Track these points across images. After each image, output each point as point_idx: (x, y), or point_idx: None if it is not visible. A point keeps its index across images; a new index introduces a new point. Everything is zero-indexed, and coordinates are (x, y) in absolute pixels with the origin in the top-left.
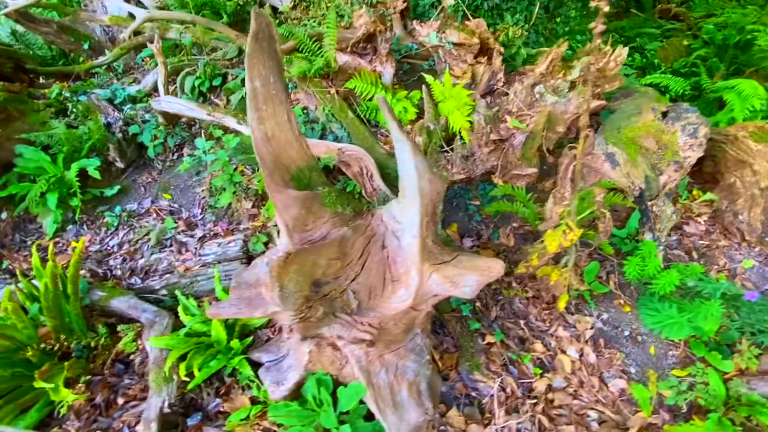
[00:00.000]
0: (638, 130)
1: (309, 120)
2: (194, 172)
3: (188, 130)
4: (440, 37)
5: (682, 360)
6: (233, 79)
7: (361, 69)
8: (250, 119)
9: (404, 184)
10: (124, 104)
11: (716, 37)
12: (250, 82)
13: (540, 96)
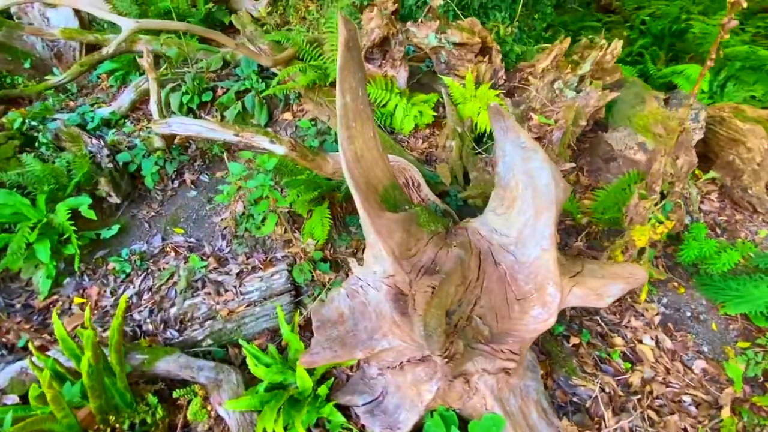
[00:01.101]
0: (647, 118)
1: (320, 132)
2: (204, 200)
3: (185, 153)
4: (440, 37)
5: (743, 332)
6: (224, 93)
7: (373, 75)
8: (340, 138)
9: (519, 194)
10: (98, 129)
11: (653, 28)
12: (342, 98)
13: (560, 92)
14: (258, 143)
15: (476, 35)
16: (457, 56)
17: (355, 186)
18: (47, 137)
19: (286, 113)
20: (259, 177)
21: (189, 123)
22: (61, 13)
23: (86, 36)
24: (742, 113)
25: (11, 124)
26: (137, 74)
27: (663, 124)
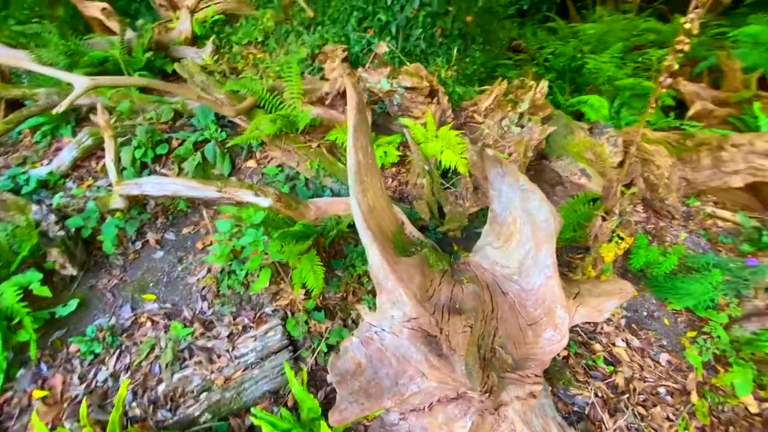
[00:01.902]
0: (578, 146)
1: (289, 177)
2: (174, 260)
3: (145, 211)
4: (391, 82)
5: (689, 323)
6: (180, 144)
7: (337, 120)
8: (354, 192)
9: (517, 229)
10: (35, 193)
11: (555, 64)
12: (354, 155)
13: (507, 128)
14: (242, 197)
15: (424, 80)
16: (409, 99)
17: (372, 236)
18: None
19: (249, 161)
20: (249, 232)
21: (165, 183)
22: None
23: (11, 91)
24: (645, 137)
25: None
26: (68, 128)
27: (591, 150)
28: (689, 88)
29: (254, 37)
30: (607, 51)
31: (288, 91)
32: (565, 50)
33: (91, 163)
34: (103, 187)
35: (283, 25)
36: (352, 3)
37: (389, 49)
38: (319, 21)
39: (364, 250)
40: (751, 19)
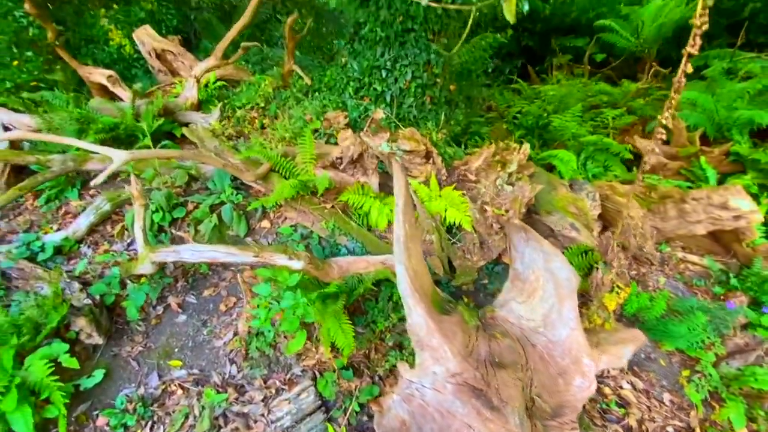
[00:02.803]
0: (562, 201)
1: (303, 237)
2: (198, 323)
3: (165, 274)
4: (391, 146)
5: (682, 363)
6: (195, 207)
7: (348, 182)
8: (401, 259)
9: (540, 286)
10: (51, 260)
11: (524, 122)
12: (403, 227)
13: (501, 187)
14: (277, 261)
15: (420, 143)
16: (407, 160)
17: (418, 298)
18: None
19: (263, 221)
20: (288, 295)
21: (204, 250)
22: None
23: (25, 157)
24: (616, 189)
25: None
26: (74, 192)
27: (574, 204)
28: (643, 143)
29: (255, 102)
30: (568, 111)
31: (301, 155)
32: (530, 109)
33: (106, 227)
34: (119, 251)
35: (282, 91)
36: (348, 74)
37: (385, 115)
38: (316, 88)
39: (384, 307)
40: (687, 86)
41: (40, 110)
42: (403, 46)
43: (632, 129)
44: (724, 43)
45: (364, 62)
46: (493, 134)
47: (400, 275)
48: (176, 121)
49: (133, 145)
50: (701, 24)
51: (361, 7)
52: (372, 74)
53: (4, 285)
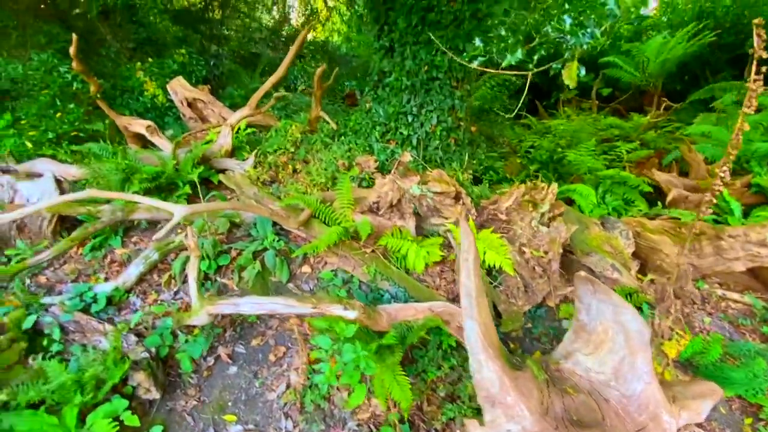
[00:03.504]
0: (596, 241)
1: (344, 281)
2: (249, 375)
3: (216, 325)
4: (421, 188)
5: (743, 410)
6: (238, 254)
7: (385, 227)
8: (472, 314)
9: (608, 338)
10: (104, 311)
11: (538, 156)
12: (472, 282)
13: (536, 228)
14: (332, 311)
15: (450, 185)
16: (438, 201)
17: (491, 354)
18: (57, 333)
19: (304, 267)
20: (348, 348)
21: (264, 302)
22: (36, 185)
23: (77, 209)
24: (645, 226)
25: (14, 323)
26: (117, 240)
27: (608, 243)
28: (663, 177)
29: (284, 147)
30: (581, 145)
31: (339, 201)
32: (543, 144)
33: (153, 276)
34: (167, 301)
35: (309, 136)
36: (374, 119)
37: (413, 157)
38: (342, 132)
39: (434, 356)
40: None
41: (86, 161)
42: (429, 93)
43: (648, 162)
44: (728, 76)
45: (390, 108)
46: (508, 169)
47: (470, 330)
48: (212, 168)
49: (173, 193)
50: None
51: (386, 58)
52: (398, 119)
53: (63, 338)
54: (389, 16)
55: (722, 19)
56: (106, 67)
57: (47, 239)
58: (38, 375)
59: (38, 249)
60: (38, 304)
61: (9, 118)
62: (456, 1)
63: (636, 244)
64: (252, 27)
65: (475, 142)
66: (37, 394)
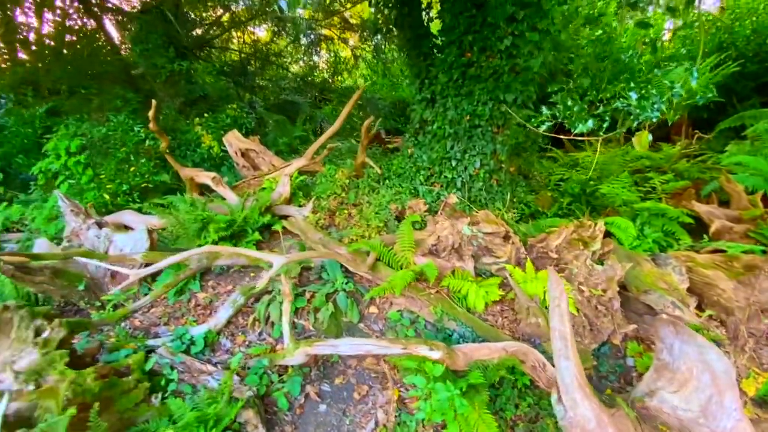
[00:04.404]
0: (650, 277)
1: (412, 322)
2: (338, 413)
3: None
4: (472, 228)
5: None
6: (312, 297)
7: (445, 267)
8: (565, 354)
9: (693, 377)
10: (202, 352)
11: (569, 189)
12: (566, 325)
13: (591, 267)
14: (419, 351)
15: (500, 224)
16: (488, 241)
17: (587, 392)
18: (175, 373)
19: (371, 308)
20: (439, 387)
21: (360, 343)
22: (130, 236)
23: (168, 258)
24: (696, 260)
25: (137, 365)
26: (196, 284)
27: (662, 280)
28: (704, 208)
29: (334, 192)
30: (613, 177)
31: (400, 244)
32: (574, 177)
33: (238, 319)
34: (253, 342)
35: (355, 180)
36: (418, 164)
37: (458, 199)
38: (386, 176)
39: (511, 395)
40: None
41: (166, 212)
42: (471, 139)
43: (684, 193)
44: (757, 104)
45: (434, 154)
46: (539, 202)
47: (565, 369)
48: (275, 215)
49: (242, 239)
50: None
51: (428, 108)
52: (442, 163)
53: (175, 378)
54: (430, 71)
55: (744, 48)
56: (167, 122)
57: (135, 286)
58: (162, 412)
59: (129, 294)
60: (144, 345)
61: (90, 174)
62: (495, 57)
63: (690, 279)
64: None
65: (515, 181)
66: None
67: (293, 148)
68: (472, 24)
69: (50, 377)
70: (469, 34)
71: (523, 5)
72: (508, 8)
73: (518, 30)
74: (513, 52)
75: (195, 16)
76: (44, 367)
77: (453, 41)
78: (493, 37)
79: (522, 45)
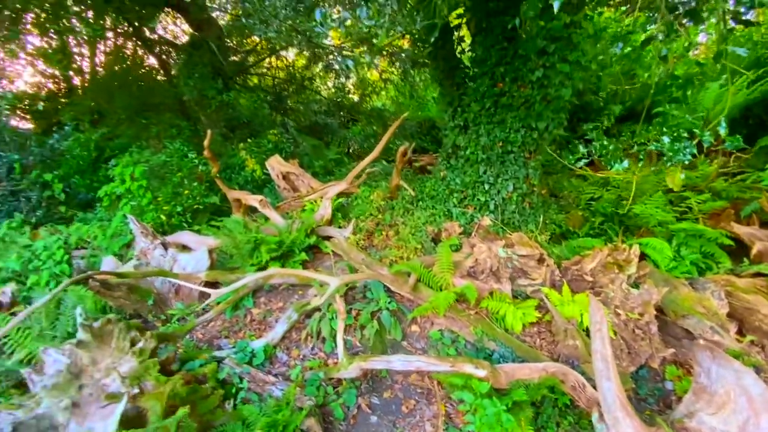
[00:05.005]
0: (687, 302)
1: (453, 341)
2: (389, 424)
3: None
4: (506, 251)
5: None
6: (358, 314)
7: (482, 289)
8: (609, 376)
9: (731, 399)
10: (263, 364)
11: (601, 208)
12: (608, 348)
13: (628, 290)
14: (466, 369)
15: (533, 247)
16: (523, 263)
17: (629, 411)
18: (245, 383)
19: (413, 326)
20: (487, 402)
21: (412, 360)
22: (192, 256)
23: (228, 276)
24: (735, 284)
25: (212, 374)
26: (250, 300)
27: (700, 304)
28: (744, 229)
29: (370, 213)
30: (646, 196)
31: (439, 266)
32: (606, 196)
33: (291, 334)
34: (307, 356)
35: (390, 202)
36: (451, 187)
37: (492, 221)
38: (419, 198)
39: (552, 413)
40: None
41: (221, 232)
42: (504, 164)
43: (723, 214)
44: None
45: (467, 178)
46: (570, 222)
47: (608, 390)
48: (318, 236)
49: (290, 259)
50: None
51: (460, 134)
52: (475, 187)
53: (244, 386)
54: (462, 100)
55: None
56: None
57: (195, 302)
58: (235, 417)
59: (192, 309)
60: (212, 357)
61: (149, 197)
62: (526, 87)
63: (729, 304)
64: (317, 99)
65: (547, 202)
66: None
67: (328, 170)
68: (503, 56)
69: (148, 382)
70: (501, 66)
71: (553, 39)
72: (539, 42)
73: (549, 62)
74: (544, 82)
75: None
76: (142, 373)
77: (485, 72)
78: (525, 69)
79: (553, 76)
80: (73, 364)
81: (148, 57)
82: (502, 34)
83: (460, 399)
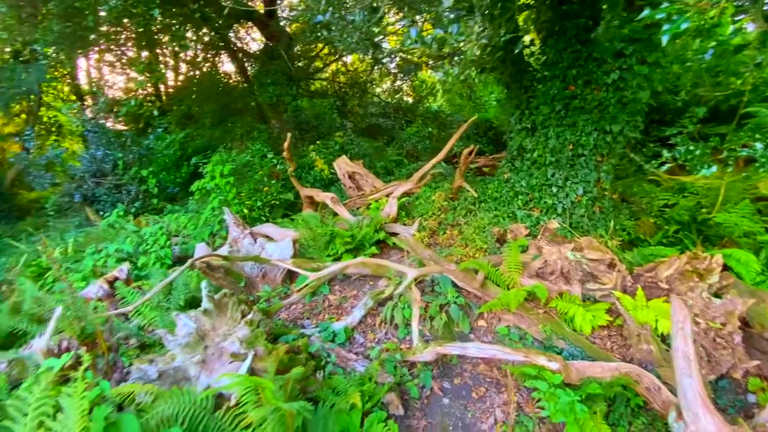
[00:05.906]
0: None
1: (520, 337)
2: (461, 407)
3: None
4: (576, 254)
5: None
6: (427, 306)
7: (551, 289)
8: (691, 373)
9: None
10: (344, 344)
11: (676, 216)
12: (687, 346)
13: (708, 300)
14: (539, 361)
15: (604, 251)
16: (593, 268)
17: (710, 408)
18: (333, 357)
19: (480, 321)
20: (560, 392)
21: (486, 348)
22: (278, 245)
23: (309, 264)
24: None
25: (304, 347)
26: (326, 287)
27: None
28: None
29: (432, 212)
30: (731, 204)
31: (506, 265)
32: (682, 203)
33: (367, 319)
34: (382, 340)
35: (452, 202)
36: (516, 189)
37: (559, 225)
38: (482, 199)
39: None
40: None
41: (301, 225)
42: (573, 167)
43: None
44: None
45: (533, 180)
46: (640, 229)
47: (688, 386)
48: (386, 232)
49: (360, 252)
50: None
51: (528, 137)
52: (542, 189)
53: (333, 360)
54: (530, 102)
55: None
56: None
57: (279, 286)
58: (326, 386)
59: (277, 292)
60: (299, 334)
61: (234, 192)
62: (600, 90)
63: None
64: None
65: (618, 207)
66: (332, 399)
67: (389, 170)
68: (576, 59)
69: (260, 348)
70: (573, 69)
71: (632, 41)
72: (616, 44)
73: (626, 64)
74: (620, 85)
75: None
76: (253, 340)
77: (556, 75)
78: (599, 71)
79: (630, 78)
80: (198, 328)
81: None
82: (576, 36)
83: (533, 387)
